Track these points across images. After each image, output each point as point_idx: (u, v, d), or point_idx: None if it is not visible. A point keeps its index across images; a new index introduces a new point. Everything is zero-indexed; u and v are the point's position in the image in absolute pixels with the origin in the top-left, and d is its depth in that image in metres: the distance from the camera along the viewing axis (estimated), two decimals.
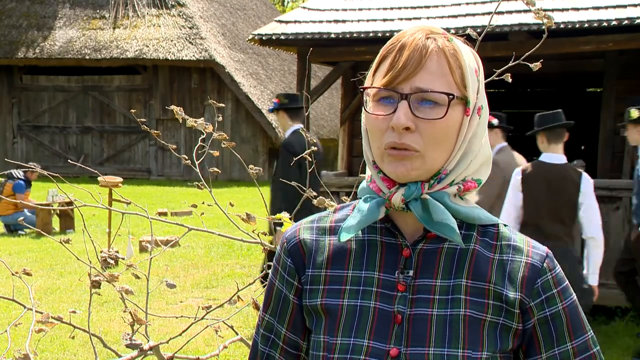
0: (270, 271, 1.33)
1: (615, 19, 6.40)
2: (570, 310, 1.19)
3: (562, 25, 6.45)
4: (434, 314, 1.15)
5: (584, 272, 4.60)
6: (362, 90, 1.20)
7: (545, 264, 1.19)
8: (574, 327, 1.19)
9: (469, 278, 1.16)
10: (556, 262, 1.21)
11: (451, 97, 1.12)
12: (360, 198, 1.24)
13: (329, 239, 1.25)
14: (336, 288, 1.21)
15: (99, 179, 4.84)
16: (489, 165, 1.22)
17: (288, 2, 40.81)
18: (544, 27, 1.86)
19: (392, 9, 7.72)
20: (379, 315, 1.17)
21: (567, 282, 1.21)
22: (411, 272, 1.18)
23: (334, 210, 1.30)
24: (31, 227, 3.37)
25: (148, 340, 2.03)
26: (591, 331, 1.21)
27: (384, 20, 7.54)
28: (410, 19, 7.44)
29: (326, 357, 1.19)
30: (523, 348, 1.19)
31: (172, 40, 20.71)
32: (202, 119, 2.39)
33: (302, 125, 5.85)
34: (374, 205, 1.18)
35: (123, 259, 2.25)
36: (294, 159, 3.23)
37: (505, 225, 1.23)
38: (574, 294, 1.21)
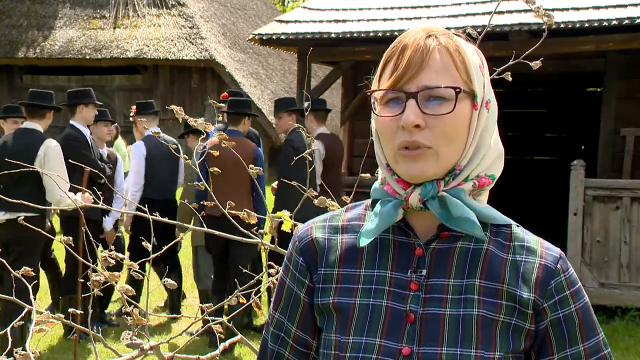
0: (281, 269, 1.32)
1: (616, 19, 6.39)
2: (582, 312, 1.18)
3: (562, 25, 6.44)
4: (446, 314, 1.15)
5: None
6: (369, 94, 1.19)
7: (558, 266, 1.18)
8: (586, 328, 1.18)
9: (482, 278, 1.16)
10: (569, 263, 1.21)
11: (458, 90, 1.12)
12: (374, 199, 1.23)
13: (341, 237, 1.25)
14: (348, 287, 1.21)
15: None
16: (502, 160, 1.22)
17: (288, 2, 40.79)
18: (544, 26, 1.85)
19: (392, 8, 7.72)
20: (391, 314, 1.17)
21: (579, 283, 1.20)
22: (424, 272, 1.17)
23: (346, 210, 1.30)
24: (32, 226, 3.36)
25: (148, 340, 2.03)
26: (602, 333, 1.21)
27: (384, 20, 7.54)
28: (410, 19, 7.43)
29: (338, 355, 1.18)
30: (535, 349, 1.19)
31: (172, 40, 20.70)
32: (202, 118, 2.38)
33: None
34: (391, 207, 1.18)
35: (124, 258, 2.26)
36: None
37: (518, 226, 1.22)
38: (586, 295, 1.21)
